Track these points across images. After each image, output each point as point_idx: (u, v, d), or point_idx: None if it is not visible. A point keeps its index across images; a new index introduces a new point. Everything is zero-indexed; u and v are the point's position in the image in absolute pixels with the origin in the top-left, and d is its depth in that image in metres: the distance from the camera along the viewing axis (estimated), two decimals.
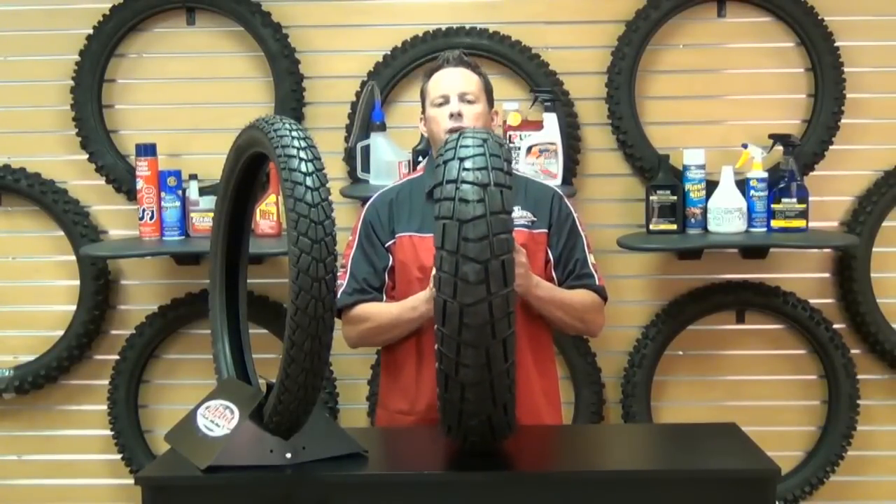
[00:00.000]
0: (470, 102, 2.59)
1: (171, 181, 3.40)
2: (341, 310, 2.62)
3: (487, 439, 2.09)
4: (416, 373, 2.59)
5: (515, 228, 2.54)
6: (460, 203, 1.92)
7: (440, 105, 2.60)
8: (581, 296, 2.60)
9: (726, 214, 3.29)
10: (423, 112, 2.68)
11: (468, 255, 1.91)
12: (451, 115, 2.58)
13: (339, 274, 2.61)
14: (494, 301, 1.92)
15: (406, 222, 2.61)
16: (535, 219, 2.59)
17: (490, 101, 2.67)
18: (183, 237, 3.43)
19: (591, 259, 2.64)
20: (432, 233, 2.51)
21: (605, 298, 2.65)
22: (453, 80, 2.61)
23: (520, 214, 2.58)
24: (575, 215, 2.66)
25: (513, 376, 2.01)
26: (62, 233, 3.57)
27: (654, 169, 3.40)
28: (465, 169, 1.95)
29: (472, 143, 1.99)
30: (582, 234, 2.65)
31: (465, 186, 1.93)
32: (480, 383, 1.97)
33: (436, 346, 1.99)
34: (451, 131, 2.56)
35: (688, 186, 3.32)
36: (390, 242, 2.62)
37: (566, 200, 2.67)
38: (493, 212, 1.92)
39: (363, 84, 3.43)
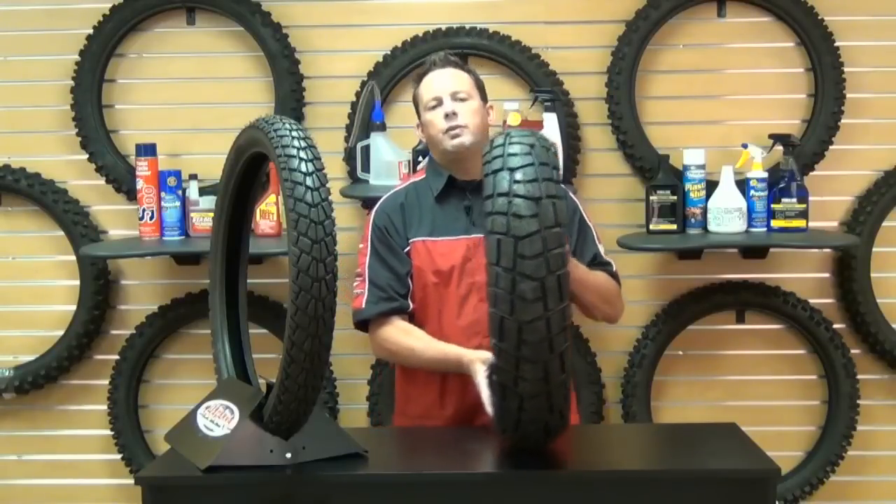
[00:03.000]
0: (463, 100, 2.59)
1: (171, 181, 3.40)
2: (368, 321, 2.60)
3: (542, 441, 2.12)
4: (440, 382, 2.60)
5: None
6: (514, 219, 1.92)
7: (434, 108, 2.60)
8: (606, 279, 2.64)
9: (726, 214, 3.29)
10: (419, 118, 2.68)
11: (525, 272, 1.91)
12: (446, 116, 2.57)
13: (355, 284, 2.61)
14: (552, 317, 1.93)
15: (417, 227, 2.61)
16: None
17: (483, 96, 2.66)
18: (183, 237, 3.43)
19: (601, 249, 2.69)
20: (444, 236, 2.57)
21: (620, 284, 2.71)
22: (444, 81, 2.61)
23: None
24: (581, 208, 2.68)
25: (569, 385, 2.03)
26: (62, 233, 3.57)
27: (654, 169, 3.40)
28: (516, 181, 1.94)
29: (520, 150, 1.98)
30: (590, 225, 2.68)
31: (517, 201, 1.93)
32: (538, 395, 2.00)
33: (493, 360, 2.01)
34: (448, 131, 2.57)
35: (688, 186, 3.32)
36: (406, 248, 2.61)
37: (571, 194, 2.68)
38: (546, 226, 1.93)
39: (363, 84, 3.43)
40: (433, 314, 2.59)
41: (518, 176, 1.95)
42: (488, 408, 2.26)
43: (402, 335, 2.58)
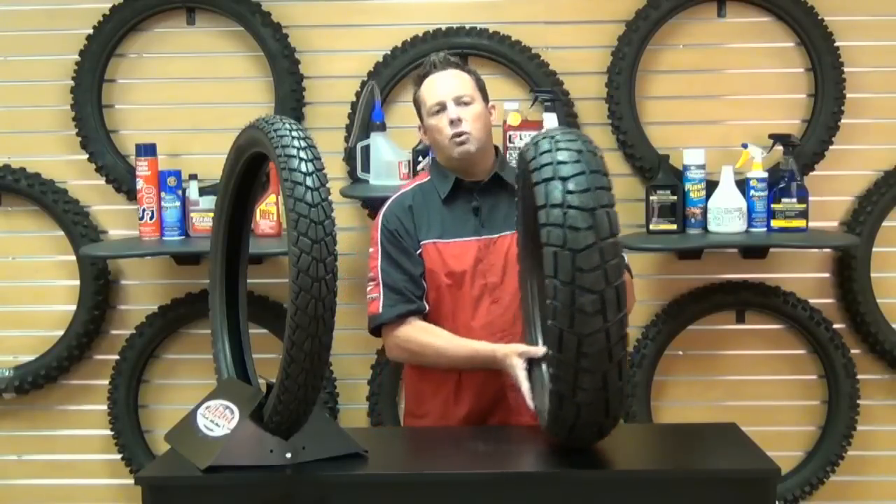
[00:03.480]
0: (466, 104, 2.57)
1: (171, 181, 3.40)
2: (383, 325, 2.57)
3: (592, 441, 2.12)
4: (456, 379, 2.59)
5: None
6: (570, 231, 1.91)
7: (437, 112, 2.58)
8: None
9: (726, 214, 3.29)
10: (421, 122, 2.66)
11: (584, 286, 1.90)
12: (451, 122, 2.56)
13: (368, 289, 2.60)
14: (611, 328, 1.93)
15: (427, 230, 2.60)
16: None
17: (485, 97, 2.65)
18: (183, 237, 3.43)
19: None
20: (455, 238, 2.57)
21: (632, 276, 2.66)
22: (446, 85, 2.59)
23: None
24: None
25: (626, 391, 2.03)
26: (62, 233, 3.57)
27: (654, 169, 3.40)
28: (569, 192, 1.93)
29: (570, 157, 1.96)
30: None
31: (572, 212, 1.91)
32: (596, 403, 2.00)
33: (549, 369, 2.01)
34: (454, 137, 2.56)
35: (688, 186, 3.32)
36: (417, 251, 2.60)
37: None
38: (602, 237, 1.92)
39: (363, 84, 3.43)
40: (447, 316, 2.58)
41: (571, 186, 1.93)
42: (529, 403, 2.26)
43: (424, 334, 2.55)
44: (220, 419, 2.14)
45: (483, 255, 2.57)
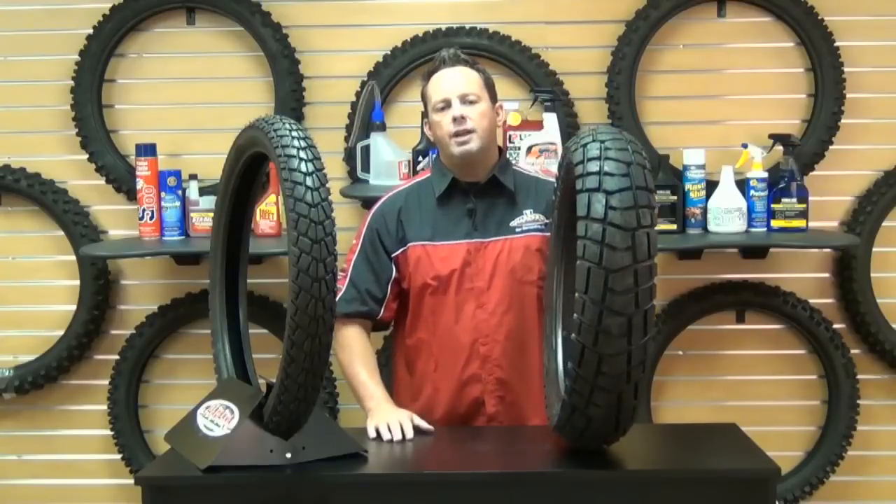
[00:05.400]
0: (472, 103, 2.55)
1: (171, 181, 3.40)
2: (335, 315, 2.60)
3: (599, 446, 2.13)
4: (432, 389, 2.59)
5: (529, 233, 2.55)
6: (608, 249, 1.87)
7: (442, 109, 2.56)
8: None
9: (726, 214, 3.29)
10: (427, 116, 2.65)
11: (613, 307, 1.88)
12: (454, 120, 2.54)
13: (339, 277, 2.60)
14: (634, 351, 1.92)
15: (417, 230, 2.59)
16: (548, 220, 2.55)
17: (493, 95, 2.63)
18: (183, 237, 3.43)
19: None
20: (445, 240, 2.55)
21: None
22: (452, 83, 2.57)
23: (533, 218, 2.58)
24: None
25: (637, 409, 2.03)
26: (62, 233, 3.57)
27: (654, 169, 3.39)
28: (611, 207, 1.88)
29: (617, 170, 1.91)
30: None
31: (612, 230, 1.87)
32: (608, 418, 2.00)
33: (566, 381, 2.00)
34: (456, 136, 2.54)
35: (688, 186, 3.32)
36: (399, 252, 2.59)
37: None
38: (639, 260, 1.89)
39: (363, 84, 3.43)
40: (427, 320, 2.58)
41: (614, 202, 1.88)
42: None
43: (354, 341, 2.59)
44: (220, 419, 2.14)
45: (472, 259, 2.56)
